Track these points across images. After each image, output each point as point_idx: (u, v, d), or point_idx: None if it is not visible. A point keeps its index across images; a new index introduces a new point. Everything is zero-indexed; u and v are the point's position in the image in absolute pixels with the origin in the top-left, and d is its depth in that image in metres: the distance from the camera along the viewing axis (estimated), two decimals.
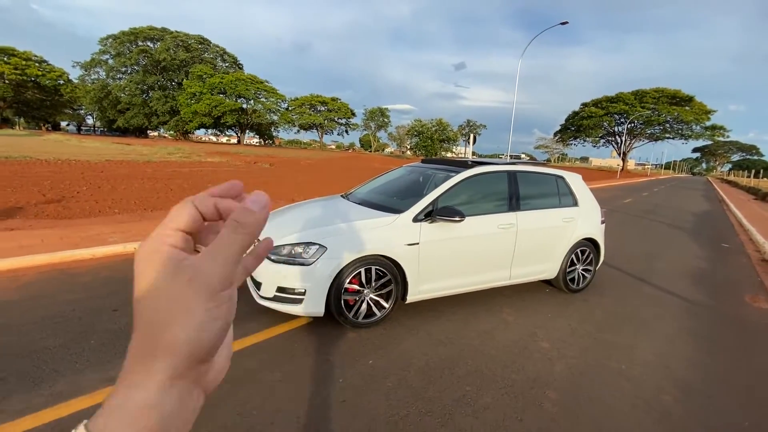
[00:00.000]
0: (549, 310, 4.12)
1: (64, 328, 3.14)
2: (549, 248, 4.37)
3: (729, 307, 4.65)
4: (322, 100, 70.19)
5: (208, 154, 20.10)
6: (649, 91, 57.70)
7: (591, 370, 3.00)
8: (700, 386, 2.90)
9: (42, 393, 2.31)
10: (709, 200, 21.59)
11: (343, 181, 15.32)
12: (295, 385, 2.54)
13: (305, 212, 3.98)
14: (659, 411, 2.56)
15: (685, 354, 3.38)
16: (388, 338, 3.26)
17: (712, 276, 6.00)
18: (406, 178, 4.79)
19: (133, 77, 56.70)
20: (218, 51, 64.34)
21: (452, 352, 3.11)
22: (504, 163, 4.46)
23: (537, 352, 3.21)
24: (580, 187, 4.80)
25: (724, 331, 3.95)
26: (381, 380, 2.67)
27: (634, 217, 12.07)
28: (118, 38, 56.02)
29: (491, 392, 2.62)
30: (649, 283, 5.29)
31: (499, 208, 4.06)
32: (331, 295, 3.17)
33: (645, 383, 2.87)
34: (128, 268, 4.78)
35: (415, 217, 3.53)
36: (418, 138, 49.14)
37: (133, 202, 8.41)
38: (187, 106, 54.83)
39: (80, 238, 5.66)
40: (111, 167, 11.86)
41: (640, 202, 17.13)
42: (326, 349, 3.02)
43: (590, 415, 2.46)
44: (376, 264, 3.31)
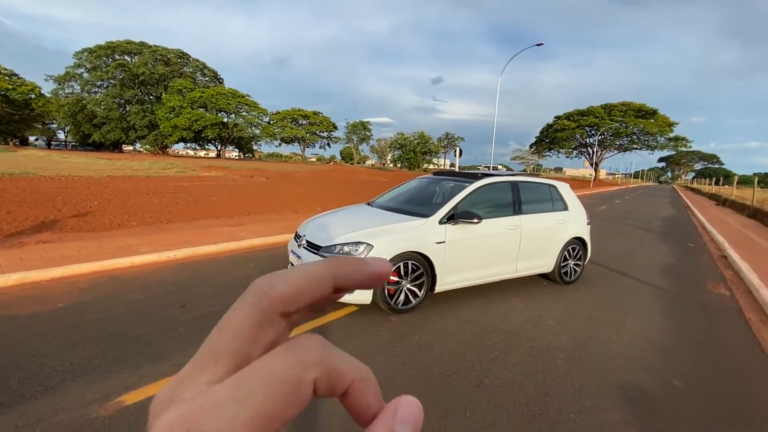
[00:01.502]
0: (549, 297, 4.88)
1: (147, 320, 3.65)
2: (547, 246, 5.16)
3: (695, 293, 5.55)
4: (304, 114, 70.79)
5: (202, 168, 20.35)
6: (617, 105, 61.20)
7: (589, 339, 3.74)
8: (673, 347, 3.69)
9: (167, 363, 2.86)
10: (676, 206, 23.32)
11: (343, 192, 15.96)
12: (363, 354, 3.17)
13: (343, 218, 4.62)
14: (644, 364, 3.32)
15: (661, 326, 4.19)
16: (424, 320, 3.93)
17: (680, 269, 6.95)
18: (421, 188, 5.51)
19: (110, 91, 55.85)
20: (198, 65, 64.25)
21: (478, 329, 3.80)
22: (507, 174, 5.26)
23: (545, 328, 3.94)
24: (568, 193, 5.64)
25: (691, 310, 4.80)
26: (429, 349, 3.33)
27: (611, 222, 13.19)
28: (94, 52, 55.26)
29: (516, 355, 3.32)
30: (628, 276, 6.16)
31: (506, 212, 4.83)
32: None
33: (632, 347, 3.64)
34: (169, 273, 5.28)
35: (441, 219, 4.24)
36: (401, 151, 50.35)
37: (148, 215, 8.79)
38: (166, 120, 54.37)
39: (114, 249, 6.09)
40: (114, 183, 12.10)
41: (614, 208, 18.47)
42: (377, 330, 3.66)
43: (594, 368, 3.19)
44: (412, 259, 3.99)
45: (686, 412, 2.68)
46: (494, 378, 2.92)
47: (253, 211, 10.38)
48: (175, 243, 6.71)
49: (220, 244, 6.80)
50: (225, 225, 8.55)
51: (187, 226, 8.29)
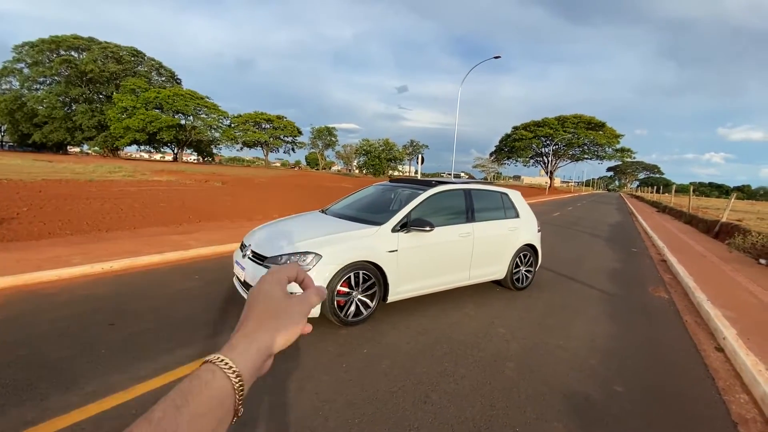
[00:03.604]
0: (501, 304, 4.92)
1: (68, 341, 3.27)
2: (499, 253, 5.21)
3: (636, 296, 5.81)
4: (267, 118, 69.29)
5: (153, 172, 19.21)
6: (570, 117, 64.75)
7: (538, 346, 3.77)
8: (616, 351, 3.79)
9: (77, 393, 2.53)
10: (622, 213, 24.82)
11: (305, 198, 15.59)
12: (306, 371, 2.99)
13: (293, 226, 4.42)
14: (588, 370, 3.37)
15: (605, 331, 4.32)
16: (375, 332, 3.80)
17: (624, 273, 7.30)
18: (377, 195, 5.41)
19: (54, 88, 52.01)
20: (154, 64, 61.32)
21: (430, 340, 3.73)
22: (460, 182, 5.28)
23: (496, 336, 3.93)
24: (520, 201, 5.75)
25: (633, 313, 5.00)
26: (377, 363, 3.20)
27: (562, 228, 13.76)
28: (36, 46, 51.31)
29: (465, 366, 3.26)
30: (576, 281, 6.37)
31: (459, 220, 4.83)
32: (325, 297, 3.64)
33: (578, 352, 3.70)
34: (102, 286, 4.84)
35: (393, 227, 4.15)
36: (366, 157, 50.35)
37: (85, 223, 8.10)
38: (117, 121, 51.27)
39: (39, 260, 5.51)
40: (49, 187, 11.08)
41: (566, 215, 19.34)
42: (325, 344, 3.49)
43: (540, 377, 3.19)
44: (363, 269, 3.86)
45: (627, 418, 2.72)
46: (441, 393, 2.83)
47: (205, 219, 9.86)
48: (112, 253, 6.19)
49: (165, 254, 6.35)
50: (173, 233, 8.03)
51: (129, 234, 7.70)
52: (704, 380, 3.41)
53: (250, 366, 0.45)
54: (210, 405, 0.40)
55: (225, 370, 0.43)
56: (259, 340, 0.47)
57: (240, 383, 0.43)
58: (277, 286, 0.53)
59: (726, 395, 3.18)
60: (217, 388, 0.41)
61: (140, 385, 2.66)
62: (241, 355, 0.45)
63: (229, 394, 0.42)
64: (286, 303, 0.52)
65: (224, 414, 0.42)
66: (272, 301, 0.52)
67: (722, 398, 3.12)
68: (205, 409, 0.39)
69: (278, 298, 0.52)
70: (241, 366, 0.44)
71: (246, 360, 0.45)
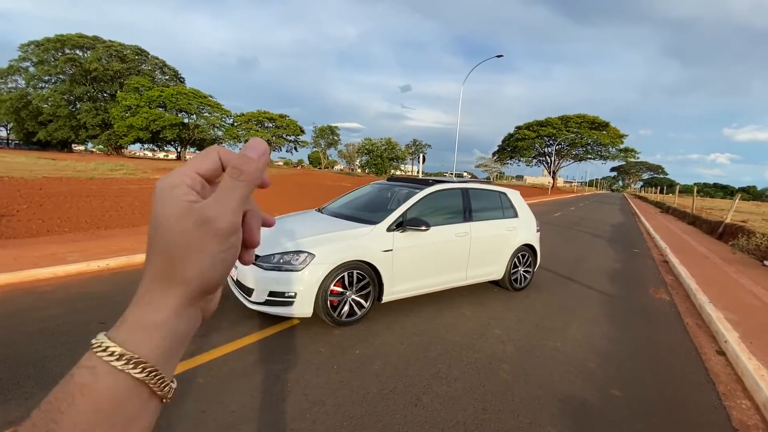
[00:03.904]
0: (499, 305, 4.85)
1: (57, 340, 3.24)
2: (496, 253, 5.14)
3: (637, 298, 5.73)
4: (270, 117, 69.27)
5: (155, 170, 19.24)
6: (573, 117, 64.40)
7: (534, 349, 3.70)
8: (614, 355, 3.72)
9: None
10: (625, 213, 24.65)
11: (305, 196, 15.55)
12: (296, 373, 2.94)
13: (287, 225, 4.38)
14: (585, 373, 3.30)
15: (604, 333, 4.24)
16: (368, 333, 3.75)
17: (625, 274, 7.21)
18: (374, 194, 5.36)
19: (58, 87, 52.17)
20: (157, 63, 61.44)
21: (424, 341, 3.67)
22: (458, 181, 5.21)
23: (491, 338, 3.87)
24: (518, 201, 5.68)
25: (632, 315, 4.92)
26: (369, 365, 3.15)
27: (564, 228, 13.66)
28: (42, 45, 51.49)
29: (459, 368, 3.21)
30: (576, 282, 6.29)
31: (456, 219, 4.77)
32: (318, 297, 3.60)
33: (575, 355, 3.63)
34: (97, 284, 4.81)
35: (389, 227, 4.10)
36: (368, 156, 50.29)
37: (84, 220, 8.10)
38: (121, 119, 51.40)
39: (36, 258, 5.50)
40: (50, 184, 11.09)
41: (568, 215, 19.21)
42: (317, 345, 3.44)
43: (535, 380, 3.13)
44: (357, 269, 3.81)
45: (623, 424, 2.65)
46: (434, 395, 2.78)
47: None
48: (110, 251, 6.17)
49: None
50: None
51: (127, 232, 7.70)
52: (704, 385, 3.34)
53: (161, 346, 0.32)
54: (97, 418, 0.28)
55: (113, 362, 0.30)
56: (163, 307, 0.33)
57: (148, 372, 0.31)
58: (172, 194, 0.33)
59: (727, 401, 3.10)
60: (102, 392, 0.29)
61: None
62: (139, 338, 0.32)
63: (131, 389, 0.30)
64: (190, 227, 0.33)
65: (135, 413, 0.31)
66: (164, 231, 0.33)
67: (723, 404, 3.05)
68: (88, 425, 0.28)
69: (176, 222, 0.32)
70: (143, 350, 0.31)
71: (149, 341, 0.32)
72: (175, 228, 0.32)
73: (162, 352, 0.32)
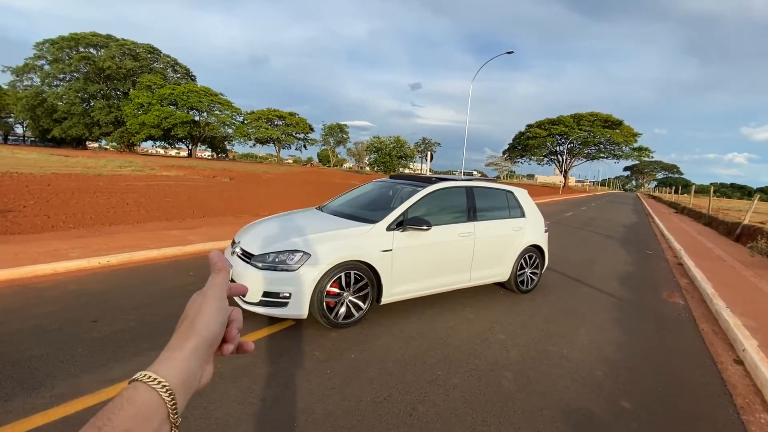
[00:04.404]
0: (503, 308, 4.68)
1: (47, 338, 3.17)
2: (502, 254, 4.96)
3: (650, 302, 5.49)
4: (280, 115, 69.58)
5: (162, 167, 19.37)
6: (585, 115, 63.36)
7: (539, 355, 3.53)
8: (625, 363, 3.53)
9: (43, 395, 2.41)
10: (637, 214, 24.10)
11: (311, 195, 15.50)
12: (288, 377, 2.82)
13: (285, 223, 4.26)
14: (593, 383, 3.12)
15: (614, 339, 4.04)
16: (366, 335, 3.61)
17: (637, 277, 6.95)
18: (376, 192, 5.22)
19: (73, 85, 53.07)
20: (169, 61, 62.08)
21: (423, 345, 3.52)
22: (462, 179, 5.04)
23: (495, 342, 3.71)
24: (526, 200, 5.48)
25: (645, 321, 4.71)
26: (364, 370, 3.01)
27: (574, 228, 13.35)
28: (57, 43, 52.38)
29: (459, 375, 3.05)
30: (586, 284, 6.07)
31: (460, 219, 4.60)
32: (314, 298, 3.48)
33: (582, 363, 3.45)
34: (95, 281, 4.76)
35: (389, 226, 3.95)
36: (376, 154, 50.14)
37: (89, 216, 8.11)
38: (133, 117, 52.12)
39: (37, 254, 5.48)
40: (58, 180, 11.20)
41: (579, 215, 18.83)
42: (312, 347, 3.32)
43: (539, 390, 2.96)
44: (355, 269, 3.68)
45: None
46: (430, 404, 2.63)
47: (209, 214, 9.81)
48: (112, 247, 6.14)
49: (164, 249, 6.28)
50: (175, 228, 7.98)
51: (131, 228, 7.68)
52: (721, 397, 3.13)
53: (180, 376, 0.46)
54: (136, 421, 0.40)
55: (149, 383, 0.43)
56: (183, 349, 0.48)
57: (169, 394, 0.43)
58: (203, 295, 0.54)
59: (745, 414, 2.90)
60: (141, 402, 0.41)
61: (109, 388, 2.53)
62: (166, 368, 0.46)
63: (158, 406, 0.42)
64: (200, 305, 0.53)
65: (157, 427, 0.42)
66: (191, 307, 0.53)
67: (741, 418, 2.85)
68: (130, 424, 0.39)
69: (196, 304, 0.53)
70: (169, 377, 0.44)
71: (172, 370, 0.46)
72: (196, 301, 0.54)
73: (179, 381, 0.45)
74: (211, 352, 0.52)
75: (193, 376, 0.48)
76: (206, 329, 0.51)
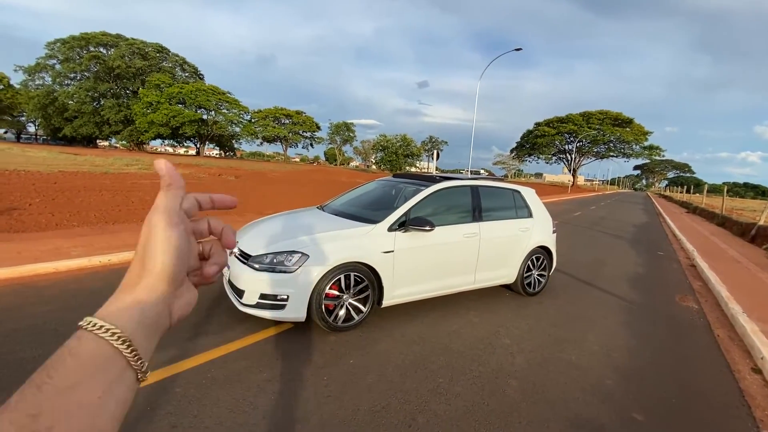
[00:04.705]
0: (509, 311, 4.53)
1: (40, 339, 3.12)
2: (508, 255, 4.81)
3: (662, 306, 5.30)
4: (287, 113, 69.78)
5: None
6: (595, 113, 62.51)
7: (546, 362, 3.39)
8: (636, 371, 3.37)
9: None
10: (648, 213, 23.66)
11: (316, 193, 15.44)
12: (283, 384, 2.72)
13: (284, 223, 4.17)
14: (602, 393, 2.98)
15: (625, 345, 3.88)
16: (366, 340, 3.50)
17: (649, 279, 6.75)
18: (378, 191, 5.10)
19: (83, 84, 53.68)
20: (178, 60, 62.51)
21: (425, 350, 3.40)
22: (467, 178, 4.90)
23: (500, 348, 3.57)
24: (533, 200, 5.32)
25: (657, 326, 4.53)
26: (362, 376, 2.90)
27: (583, 228, 13.10)
28: (68, 43, 53.00)
29: (461, 382, 2.93)
30: (595, 287, 5.89)
31: (464, 219, 4.46)
32: (312, 300, 3.37)
33: (591, 371, 3.30)
34: (95, 280, 4.72)
35: (390, 226, 3.83)
36: (383, 153, 49.97)
37: (93, 214, 8.11)
38: (142, 115, 52.55)
39: (39, 252, 5.45)
40: (65, 178, 11.26)
41: (588, 215, 18.52)
42: (309, 352, 3.22)
43: (546, 399, 2.83)
44: (355, 271, 3.56)
45: None
46: (430, 414, 2.51)
47: (213, 213, 9.76)
48: (113, 246, 6.11)
49: None
50: None
51: (135, 227, 7.65)
52: (738, 408, 2.97)
53: (133, 319, 0.40)
54: (83, 373, 0.35)
55: (95, 331, 0.37)
56: (133, 290, 0.42)
57: (122, 341, 0.38)
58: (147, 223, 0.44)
59: (765, 428, 2.74)
60: (87, 354, 0.36)
61: None
62: (115, 312, 0.40)
63: (110, 356, 0.37)
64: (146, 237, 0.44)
65: (114, 377, 0.37)
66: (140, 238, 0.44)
67: None
68: (76, 378, 0.34)
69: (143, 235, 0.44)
70: (119, 322, 0.38)
71: (122, 314, 0.39)
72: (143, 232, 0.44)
73: (134, 328, 0.39)
74: (175, 285, 0.44)
75: (155, 316, 0.41)
76: (159, 265, 0.42)
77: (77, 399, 0.33)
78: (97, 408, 0.34)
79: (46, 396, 0.32)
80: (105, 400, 0.35)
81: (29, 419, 0.31)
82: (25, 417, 0.31)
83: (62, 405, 0.32)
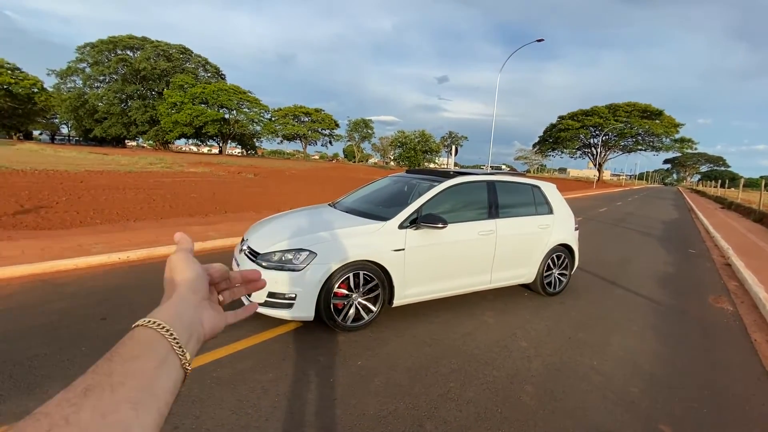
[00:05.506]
0: (528, 312, 4.34)
1: (54, 336, 3.16)
2: (527, 254, 4.61)
3: (693, 307, 4.98)
4: (306, 111, 70.36)
5: (190, 164, 19.89)
6: (622, 105, 60.19)
7: (566, 367, 3.21)
8: (664, 378, 3.14)
9: (36, 398, 2.36)
10: (679, 209, 22.61)
11: (332, 190, 15.47)
12: (288, 385, 2.66)
13: (294, 220, 4.11)
14: (627, 402, 2.78)
15: (652, 350, 3.64)
16: (375, 340, 3.40)
17: (679, 279, 6.38)
18: (391, 188, 4.98)
19: (112, 86, 55.63)
20: (200, 61, 63.91)
21: (437, 352, 3.28)
22: (484, 173, 4.71)
23: (516, 351, 3.41)
24: (554, 196, 5.09)
25: (687, 330, 4.25)
26: (370, 379, 2.80)
27: (609, 225, 12.59)
28: (96, 47, 55.01)
29: (474, 388, 2.79)
30: (620, 286, 5.60)
31: (480, 216, 4.29)
32: (320, 299, 3.30)
33: (614, 377, 3.10)
34: (113, 277, 4.79)
35: (401, 224, 3.71)
36: (401, 149, 49.70)
37: (116, 212, 8.32)
38: (167, 115, 54.07)
39: (62, 249, 5.60)
40: (91, 177, 11.65)
41: (614, 211, 17.84)
42: (316, 352, 3.14)
43: (564, 407, 2.66)
44: (364, 269, 3.47)
45: None
46: (439, 421, 2.39)
47: (231, 209, 9.90)
48: (134, 243, 6.23)
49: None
50: (197, 224, 8.07)
51: (155, 224, 7.81)
52: None
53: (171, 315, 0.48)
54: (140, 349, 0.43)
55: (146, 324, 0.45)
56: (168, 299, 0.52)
57: (163, 328, 0.45)
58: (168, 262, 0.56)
59: None
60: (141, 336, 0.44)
61: None
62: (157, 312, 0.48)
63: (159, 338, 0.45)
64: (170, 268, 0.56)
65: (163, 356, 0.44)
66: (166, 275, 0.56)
67: None
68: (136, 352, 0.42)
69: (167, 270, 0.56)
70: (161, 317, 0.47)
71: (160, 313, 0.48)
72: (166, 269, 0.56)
73: (173, 322, 0.47)
74: (199, 297, 0.54)
75: (188, 318, 0.50)
76: (181, 278, 0.54)
77: (139, 365, 0.41)
78: (153, 376, 0.41)
79: (116, 363, 0.40)
80: (159, 372, 0.42)
81: (105, 377, 0.38)
82: (101, 376, 0.38)
83: (128, 369, 0.40)
